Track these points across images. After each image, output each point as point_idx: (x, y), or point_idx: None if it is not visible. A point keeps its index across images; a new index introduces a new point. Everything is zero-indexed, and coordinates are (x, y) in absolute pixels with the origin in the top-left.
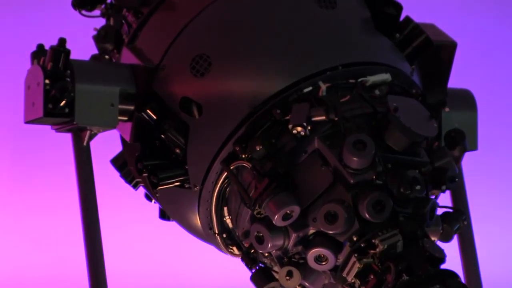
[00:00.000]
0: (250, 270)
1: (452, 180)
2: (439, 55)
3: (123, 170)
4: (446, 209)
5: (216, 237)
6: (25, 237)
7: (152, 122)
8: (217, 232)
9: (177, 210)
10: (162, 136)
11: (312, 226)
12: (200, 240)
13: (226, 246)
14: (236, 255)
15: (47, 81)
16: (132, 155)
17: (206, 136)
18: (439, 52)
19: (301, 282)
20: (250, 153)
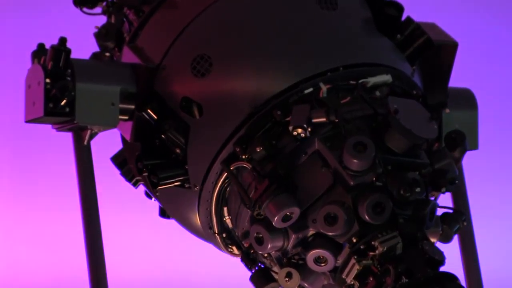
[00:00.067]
0: (250, 271)
1: (452, 182)
2: (440, 55)
3: (123, 168)
4: (445, 209)
5: (215, 236)
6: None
7: (152, 122)
8: (216, 231)
9: (177, 209)
10: (163, 136)
11: (311, 227)
12: (200, 239)
13: (225, 246)
14: (235, 255)
15: (48, 80)
16: (132, 154)
17: (206, 136)
18: (440, 52)
19: (300, 283)
20: (250, 154)
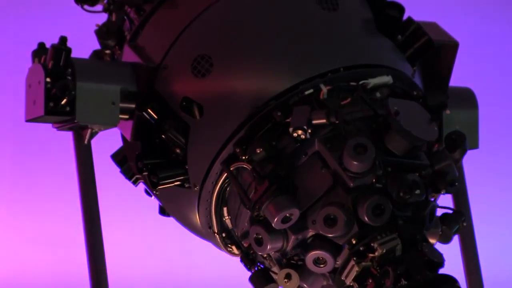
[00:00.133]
0: (249, 271)
1: (452, 183)
2: (441, 55)
3: (123, 166)
4: (445, 209)
5: (215, 236)
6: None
7: (152, 122)
8: (216, 231)
9: (177, 209)
10: (163, 136)
11: (311, 228)
12: (199, 237)
13: (225, 245)
14: (235, 254)
15: (48, 79)
16: (132, 153)
17: (206, 136)
18: (440, 52)
19: (299, 284)
20: (250, 154)
